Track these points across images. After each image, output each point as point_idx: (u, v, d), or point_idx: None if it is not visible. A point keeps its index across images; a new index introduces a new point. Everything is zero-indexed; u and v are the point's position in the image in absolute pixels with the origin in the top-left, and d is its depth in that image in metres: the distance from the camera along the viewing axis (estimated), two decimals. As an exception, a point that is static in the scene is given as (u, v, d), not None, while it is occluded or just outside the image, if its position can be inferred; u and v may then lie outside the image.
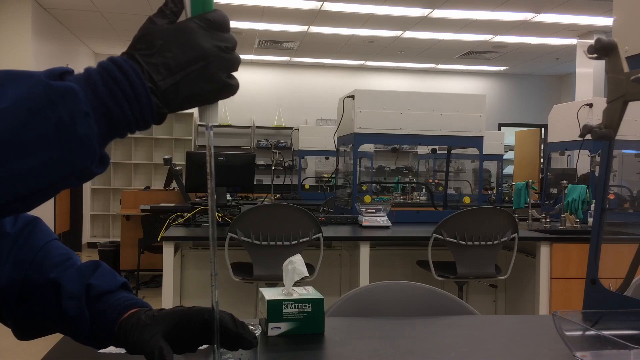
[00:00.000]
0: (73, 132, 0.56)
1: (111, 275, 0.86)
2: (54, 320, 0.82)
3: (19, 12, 6.55)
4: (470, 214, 3.28)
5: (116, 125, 0.60)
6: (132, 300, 0.83)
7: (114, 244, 6.60)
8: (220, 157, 3.79)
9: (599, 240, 1.37)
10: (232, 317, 0.76)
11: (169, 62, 0.61)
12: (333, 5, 6.79)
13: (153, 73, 0.60)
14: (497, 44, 8.60)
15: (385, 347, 1.10)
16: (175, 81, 0.61)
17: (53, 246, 0.88)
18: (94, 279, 0.83)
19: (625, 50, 1.29)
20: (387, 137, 4.04)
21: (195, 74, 0.62)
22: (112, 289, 0.84)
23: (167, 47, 0.61)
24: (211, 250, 0.70)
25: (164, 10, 0.64)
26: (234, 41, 0.65)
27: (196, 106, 0.65)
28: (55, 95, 0.56)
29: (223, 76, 0.63)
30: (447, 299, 1.45)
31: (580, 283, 1.41)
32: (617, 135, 1.13)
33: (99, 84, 0.58)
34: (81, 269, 0.85)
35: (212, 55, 0.62)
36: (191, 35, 0.62)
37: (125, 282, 0.87)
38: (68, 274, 0.83)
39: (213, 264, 0.70)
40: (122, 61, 0.60)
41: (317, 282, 2.12)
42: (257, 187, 4.53)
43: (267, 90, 10.15)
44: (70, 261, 0.86)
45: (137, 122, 0.61)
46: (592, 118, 4.09)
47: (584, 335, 1.02)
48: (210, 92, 0.63)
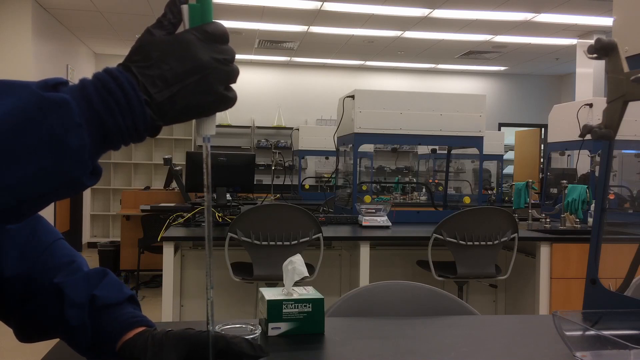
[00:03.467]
0: (64, 143, 0.56)
1: (118, 286, 0.85)
2: (54, 327, 0.81)
3: (19, 12, 6.55)
4: (470, 214, 3.28)
5: (109, 137, 0.60)
6: (137, 318, 0.82)
7: (114, 244, 6.60)
8: (220, 157, 3.79)
9: (599, 240, 1.37)
10: (248, 342, 0.75)
11: (166, 74, 0.61)
12: (333, 5, 6.79)
13: (149, 85, 0.60)
14: (497, 44, 8.60)
15: (385, 347, 1.10)
16: (172, 93, 0.61)
17: (59, 246, 0.87)
18: (100, 290, 0.82)
19: (625, 50, 1.29)
20: (387, 137, 4.04)
21: (192, 86, 0.61)
22: (118, 301, 0.82)
23: (164, 59, 0.61)
24: (207, 264, 0.68)
25: (162, 21, 0.64)
26: (232, 53, 0.64)
27: (193, 118, 0.65)
28: (47, 106, 0.56)
29: (221, 88, 0.63)
30: (447, 299, 1.45)
31: (580, 283, 1.41)
32: (617, 135, 1.13)
33: (93, 95, 0.58)
34: (88, 276, 0.83)
35: (209, 67, 0.62)
36: (189, 47, 0.62)
37: (132, 295, 0.85)
38: (73, 281, 0.82)
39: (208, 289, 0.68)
40: (118, 72, 0.60)
41: (317, 282, 2.12)
42: (257, 187, 4.53)
43: (267, 90, 10.15)
44: (75, 264, 0.85)
45: (131, 135, 0.60)
46: (592, 118, 4.09)
47: (584, 335, 1.02)
48: (208, 104, 0.63)
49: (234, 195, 4.06)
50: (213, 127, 0.67)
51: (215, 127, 0.67)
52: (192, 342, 0.75)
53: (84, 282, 0.82)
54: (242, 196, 5.28)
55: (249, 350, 0.74)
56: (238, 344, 0.74)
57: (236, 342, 0.74)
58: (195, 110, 0.63)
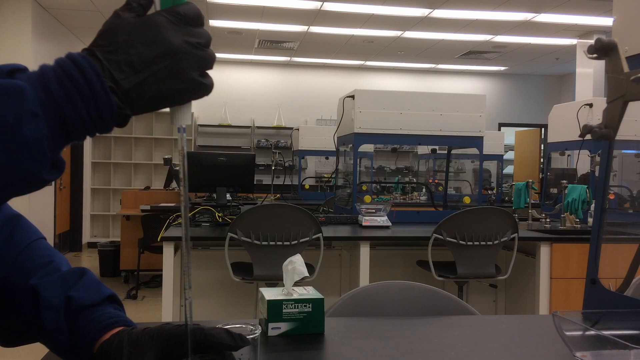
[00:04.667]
0: (19, 133, 0.52)
1: (95, 286, 0.79)
2: (33, 330, 0.77)
3: (19, 12, 6.55)
4: (470, 214, 3.28)
5: (71, 127, 0.55)
6: (116, 318, 0.77)
7: (114, 244, 6.61)
8: (220, 157, 3.79)
9: (599, 240, 1.37)
10: (227, 332, 0.71)
11: (133, 59, 0.56)
12: (333, 5, 6.79)
13: (114, 71, 0.56)
14: (497, 44, 8.60)
15: (385, 347, 1.10)
16: (140, 80, 0.56)
17: (37, 246, 0.82)
18: (76, 290, 0.77)
19: (625, 50, 1.29)
20: (387, 137, 4.04)
21: (162, 72, 0.57)
22: (95, 302, 0.78)
23: (132, 43, 0.56)
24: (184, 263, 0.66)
25: (130, 3, 0.59)
26: (207, 36, 0.60)
27: (166, 107, 0.60)
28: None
29: (195, 75, 0.58)
30: (447, 299, 1.45)
31: (580, 283, 1.41)
32: (617, 135, 1.13)
33: (52, 82, 0.54)
34: (63, 277, 0.78)
35: (181, 52, 0.57)
36: (158, 30, 0.57)
37: (111, 294, 0.81)
38: (48, 282, 0.77)
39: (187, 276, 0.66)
40: (80, 58, 0.55)
41: (317, 282, 2.12)
42: (257, 187, 4.53)
43: (267, 90, 10.15)
44: (52, 265, 0.80)
45: (95, 124, 0.56)
46: (592, 118, 4.09)
47: (584, 335, 1.02)
48: (181, 92, 0.58)
49: (234, 195, 4.06)
50: (188, 116, 0.62)
51: (190, 117, 0.63)
52: (169, 337, 0.71)
53: (60, 283, 0.77)
54: (242, 196, 5.28)
55: (228, 340, 0.70)
56: (217, 335, 0.70)
57: (214, 333, 0.70)
58: (167, 98, 0.58)
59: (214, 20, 7.50)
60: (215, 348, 0.70)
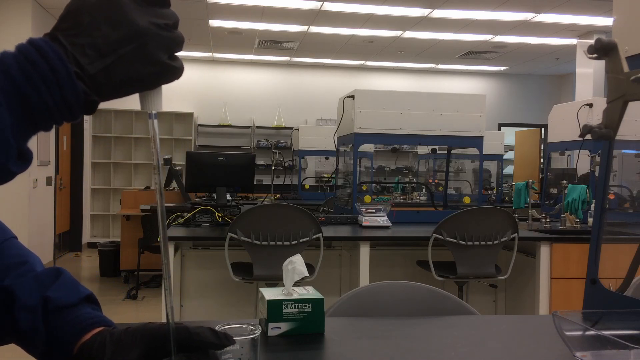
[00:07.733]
0: None
1: (73, 286, 0.77)
2: (7, 332, 0.74)
3: (19, 12, 6.55)
4: (470, 214, 3.28)
5: (36, 115, 0.53)
6: (95, 319, 0.75)
7: (114, 244, 6.61)
8: (220, 157, 3.79)
9: (599, 240, 1.37)
10: (212, 331, 0.70)
11: (97, 42, 0.54)
12: (333, 5, 6.79)
13: (79, 55, 0.53)
14: (497, 44, 8.60)
15: (385, 347, 1.10)
16: (106, 64, 0.54)
17: (9, 246, 0.80)
18: (53, 291, 0.74)
19: (625, 50, 1.29)
20: (387, 137, 4.04)
21: (129, 55, 0.55)
22: (73, 303, 0.75)
23: (95, 25, 0.54)
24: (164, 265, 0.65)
25: None
26: (174, 17, 0.58)
27: (135, 92, 0.58)
28: None
29: (163, 57, 0.56)
30: (447, 299, 1.45)
31: (580, 283, 1.41)
32: (617, 135, 1.13)
33: (13, 67, 0.51)
34: (39, 277, 0.76)
35: (148, 34, 0.55)
36: (122, 11, 0.54)
37: (89, 294, 0.78)
38: (23, 282, 0.75)
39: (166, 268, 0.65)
40: (42, 42, 0.53)
41: (317, 282, 2.12)
42: (257, 187, 4.53)
43: (267, 90, 10.15)
44: (26, 265, 0.77)
45: (61, 111, 0.54)
46: (592, 118, 4.09)
47: (584, 335, 1.02)
48: (149, 75, 0.56)
49: (234, 195, 4.06)
50: (159, 101, 0.60)
51: (161, 102, 0.61)
52: (152, 336, 0.69)
53: (36, 283, 0.75)
54: (242, 196, 5.28)
55: (213, 339, 0.69)
56: (201, 334, 0.68)
57: (199, 332, 0.68)
58: (136, 82, 0.56)
59: (213, 20, 7.50)
60: (200, 347, 0.69)
